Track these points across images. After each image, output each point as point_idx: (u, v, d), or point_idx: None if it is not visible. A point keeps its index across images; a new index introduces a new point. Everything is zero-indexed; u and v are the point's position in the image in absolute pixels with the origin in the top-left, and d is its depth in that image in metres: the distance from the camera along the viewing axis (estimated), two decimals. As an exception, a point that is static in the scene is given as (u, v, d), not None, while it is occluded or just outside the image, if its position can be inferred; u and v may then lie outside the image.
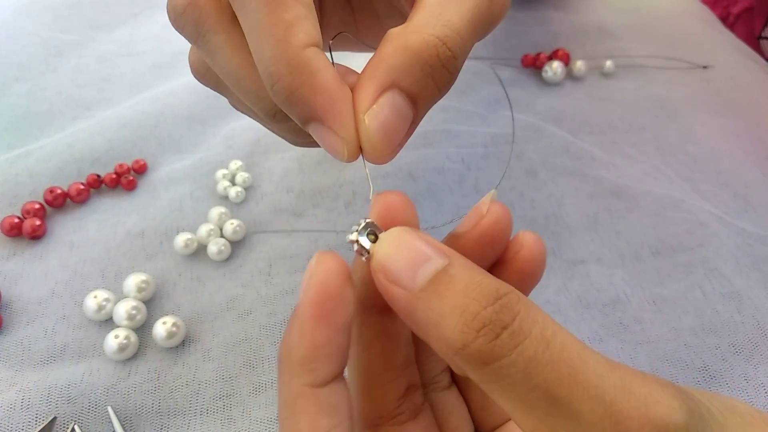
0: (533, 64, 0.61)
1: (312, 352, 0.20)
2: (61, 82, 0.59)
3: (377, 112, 0.24)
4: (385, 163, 0.25)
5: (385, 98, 0.24)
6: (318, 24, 0.25)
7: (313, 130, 0.25)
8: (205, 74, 0.30)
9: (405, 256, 0.20)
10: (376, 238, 0.22)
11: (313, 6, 0.25)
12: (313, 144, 0.27)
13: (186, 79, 0.57)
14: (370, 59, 0.25)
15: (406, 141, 0.26)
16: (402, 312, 0.20)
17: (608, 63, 0.60)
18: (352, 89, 0.25)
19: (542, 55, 0.61)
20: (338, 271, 0.20)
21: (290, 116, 0.25)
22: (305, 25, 0.24)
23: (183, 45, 0.28)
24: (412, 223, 0.23)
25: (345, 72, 0.26)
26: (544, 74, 0.60)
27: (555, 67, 0.59)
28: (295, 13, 0.23)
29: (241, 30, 0.25)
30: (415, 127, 0.26)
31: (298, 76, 0.23)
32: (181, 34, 0.27)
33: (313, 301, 0.20)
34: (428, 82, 0.24)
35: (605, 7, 0.71)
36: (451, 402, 0.27)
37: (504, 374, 0.18)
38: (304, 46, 0.23)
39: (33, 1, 0.68)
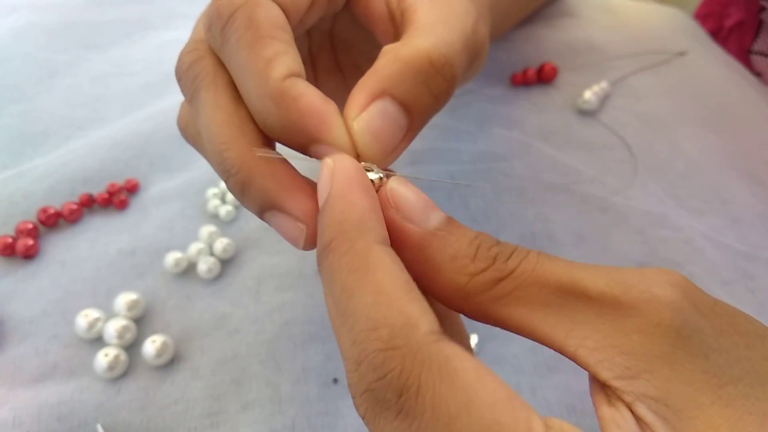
0: (522, 82, 0.62)
1: (366, 213, 0.22)
2: (55, 102, 0.59)
3: (365, 119, 0.25)
4: (383, 166, 0.26)
5: (375, 105, 0.25)
6: (300, 58, 0.26)
7: (314, 153, 0.25)
8: (185, 128, 0.31)
9: (417, 199, 0.24)
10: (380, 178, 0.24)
11: (292, 42, 0.26)
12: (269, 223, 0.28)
13: (178, 98, 0.58)
14: (365, 74, 0.26)
15: (404, 148, 0.27)
16: (413, 247, 0.23)
17: (603, 83, 0.61)
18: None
19: (530, 71, 0.61)
20: (355, 162, 0.23)
21: (290, 146, 0.26)
22: (284, 59, 0.25)
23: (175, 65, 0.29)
24: None
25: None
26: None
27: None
28: (274, 50, 0.25)
29: (229, 92, 0.26)
30: (413, 135, 0.27)
31: (283, 106, 0.24)
32: (179, 86, 0.28)
33: (350, 176, 0.23)
34: (422, 90, 0.26)
35: (594, 24, 0.72)
36: None
37: (517, 283, 0.22)
38: (282, 78, 0.24)
39: (29, 23, 0.69)
